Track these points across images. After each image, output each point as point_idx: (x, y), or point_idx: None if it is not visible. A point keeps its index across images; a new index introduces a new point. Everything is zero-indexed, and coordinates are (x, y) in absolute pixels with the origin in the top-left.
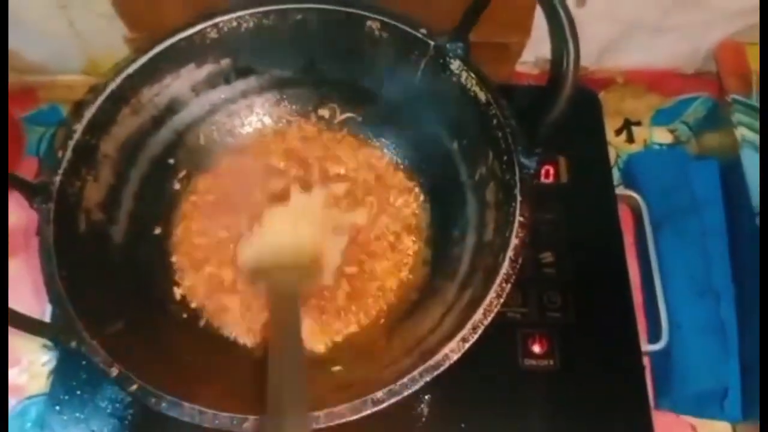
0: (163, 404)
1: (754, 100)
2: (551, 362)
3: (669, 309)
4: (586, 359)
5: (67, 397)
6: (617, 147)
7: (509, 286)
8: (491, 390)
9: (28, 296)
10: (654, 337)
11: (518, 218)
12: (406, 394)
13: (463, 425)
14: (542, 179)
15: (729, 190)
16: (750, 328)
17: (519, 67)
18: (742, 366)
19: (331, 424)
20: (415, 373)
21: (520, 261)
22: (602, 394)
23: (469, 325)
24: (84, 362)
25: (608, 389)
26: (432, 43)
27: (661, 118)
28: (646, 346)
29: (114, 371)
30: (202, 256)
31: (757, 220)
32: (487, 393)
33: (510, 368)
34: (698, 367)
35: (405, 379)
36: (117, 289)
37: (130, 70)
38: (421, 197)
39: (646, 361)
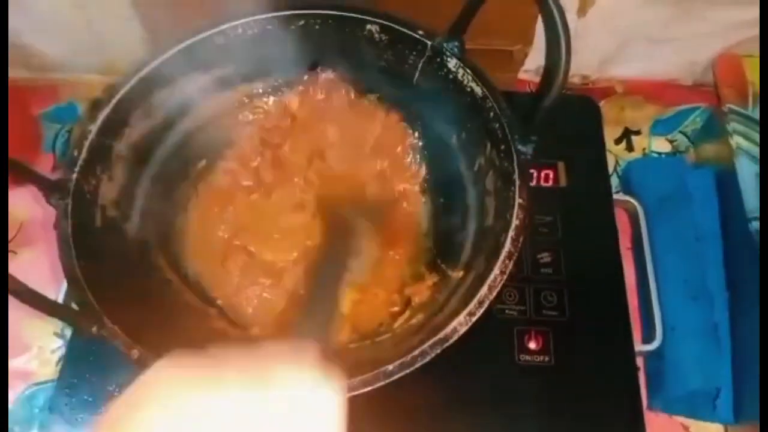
0: None
1: (750, 111)
2: (546, 358)
3: (663, 311)
4: (580, 357)
5: (76, 381)
6: (617, 155)
7: (511, 263)
8: (488, 383)
9: (43, 285)
10: (648, 338)
11: (518, 200)
12: (417, 365)
13: (460, 415)
14: (541, 183)
15: (724, 197)
16: (743, 331)
17: (522, 75)
18: (735, 368)
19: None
20: (426, 346)
21: (521, 240)
22: (596, 391)
23: (475, 300)
24: (94, 348)
25: (602, 387)
26: (429, 43)
27: (660, 127)
28: (639, 347)
29: (135, 353)
30: (213, 251)
31: (750, 226)
32: (484, 385)
33: (506, 363)
34: (691, 368)
35: (416, 352)
36: (132, 278)
37: (142, 73)
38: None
39: (639, 361)
